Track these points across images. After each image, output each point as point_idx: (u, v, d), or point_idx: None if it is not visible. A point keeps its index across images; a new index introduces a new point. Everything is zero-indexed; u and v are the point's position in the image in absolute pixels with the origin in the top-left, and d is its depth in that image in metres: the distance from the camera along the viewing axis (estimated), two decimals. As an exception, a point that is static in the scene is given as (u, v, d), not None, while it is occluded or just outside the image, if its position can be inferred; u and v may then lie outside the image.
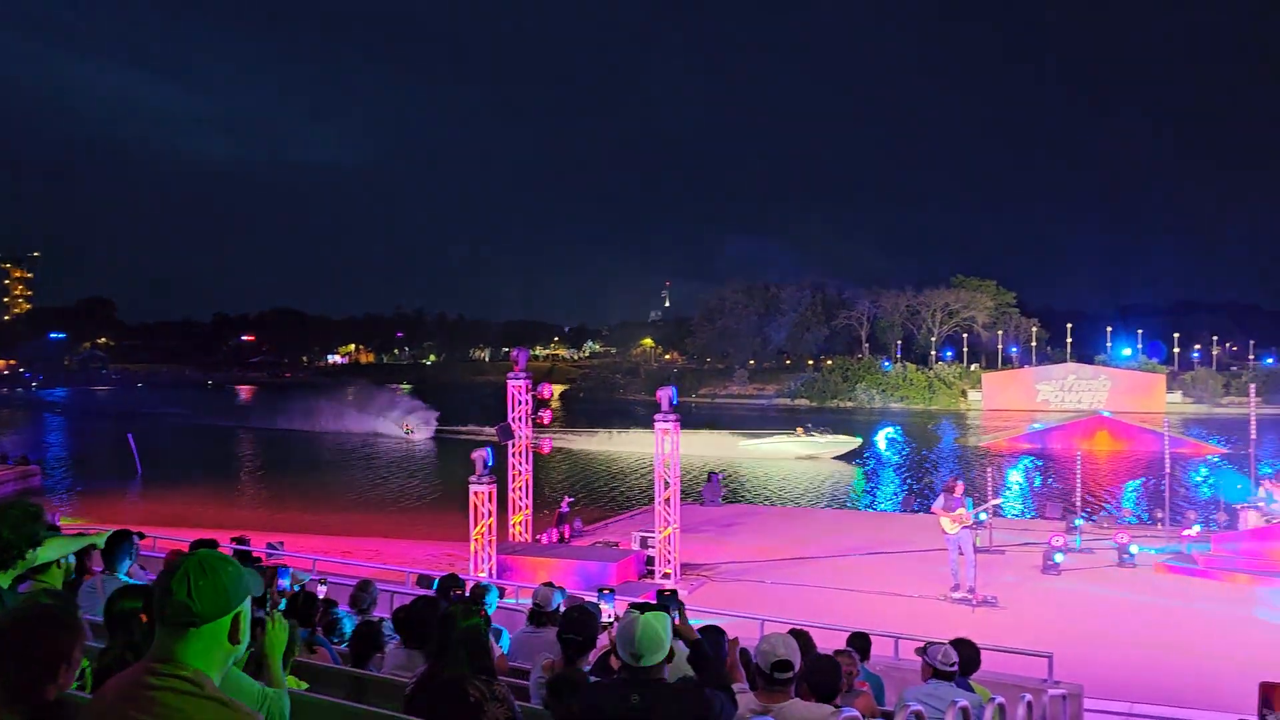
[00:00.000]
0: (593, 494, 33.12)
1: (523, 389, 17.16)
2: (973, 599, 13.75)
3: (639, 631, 3.17)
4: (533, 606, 6.53)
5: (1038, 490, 30.62)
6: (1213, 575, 15.31)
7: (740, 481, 34.08)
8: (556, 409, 57.95)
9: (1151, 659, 11.43)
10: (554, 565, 15.34)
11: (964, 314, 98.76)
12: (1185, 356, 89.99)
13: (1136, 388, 78.93)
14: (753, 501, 29.38)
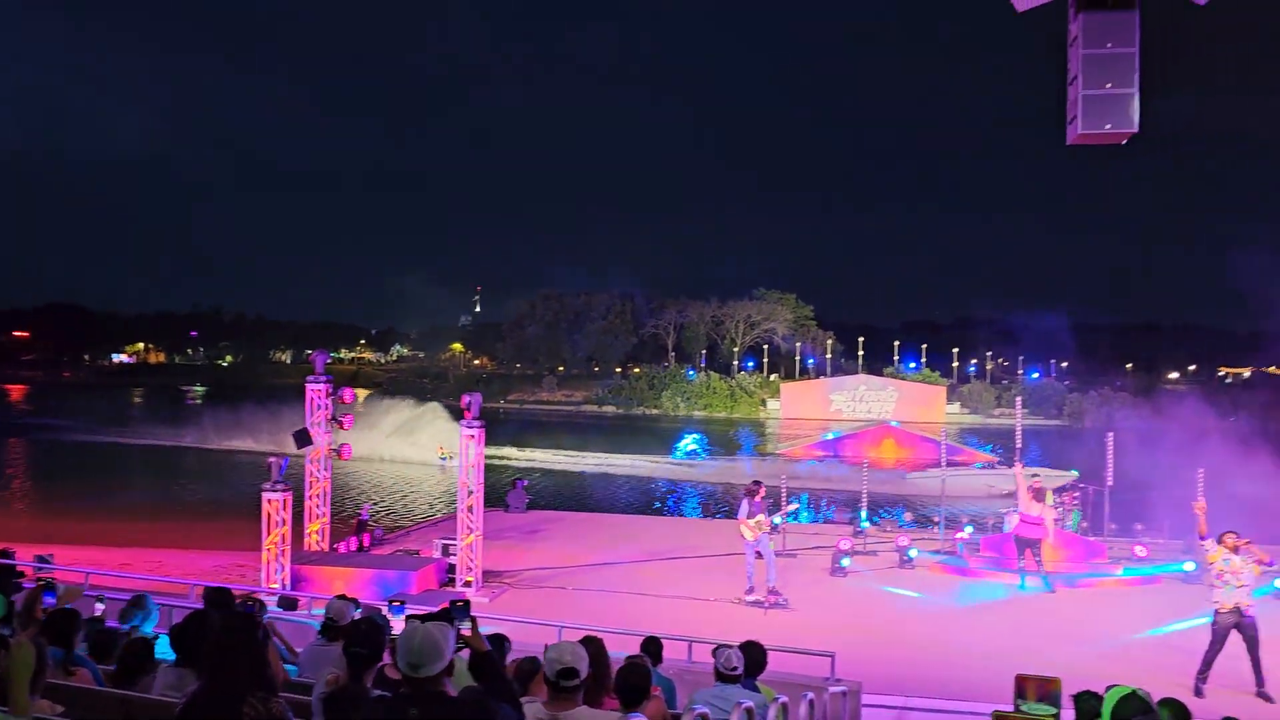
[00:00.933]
0: (398, 501, 32.40)
1: (322, 393, 16.59)
2: (767, 601, 14.27)
3: (417, 641, 3.14)
4: (325, 619, 6.35)
5: (828, 496, 32.11)
6: (981, 574, 16.49)
7: (543, 488, 34.07)
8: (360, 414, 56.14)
9: (924, 655, 12.20)
10: (352, 575, 14.91)
11: (765, 325, 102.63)
12: (964, 370, 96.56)
13: (920, 399, 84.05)
14: (558, 508, 29.46)
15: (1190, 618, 12.44)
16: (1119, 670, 11.04)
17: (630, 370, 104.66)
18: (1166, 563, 16.56)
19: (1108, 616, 14.12)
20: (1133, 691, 4.12)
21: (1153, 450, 25.32)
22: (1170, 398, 71.89)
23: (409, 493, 34.72)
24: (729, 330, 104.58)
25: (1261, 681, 10.31)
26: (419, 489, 35.48)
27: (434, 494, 34.10)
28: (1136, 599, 15.27)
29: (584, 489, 36.55)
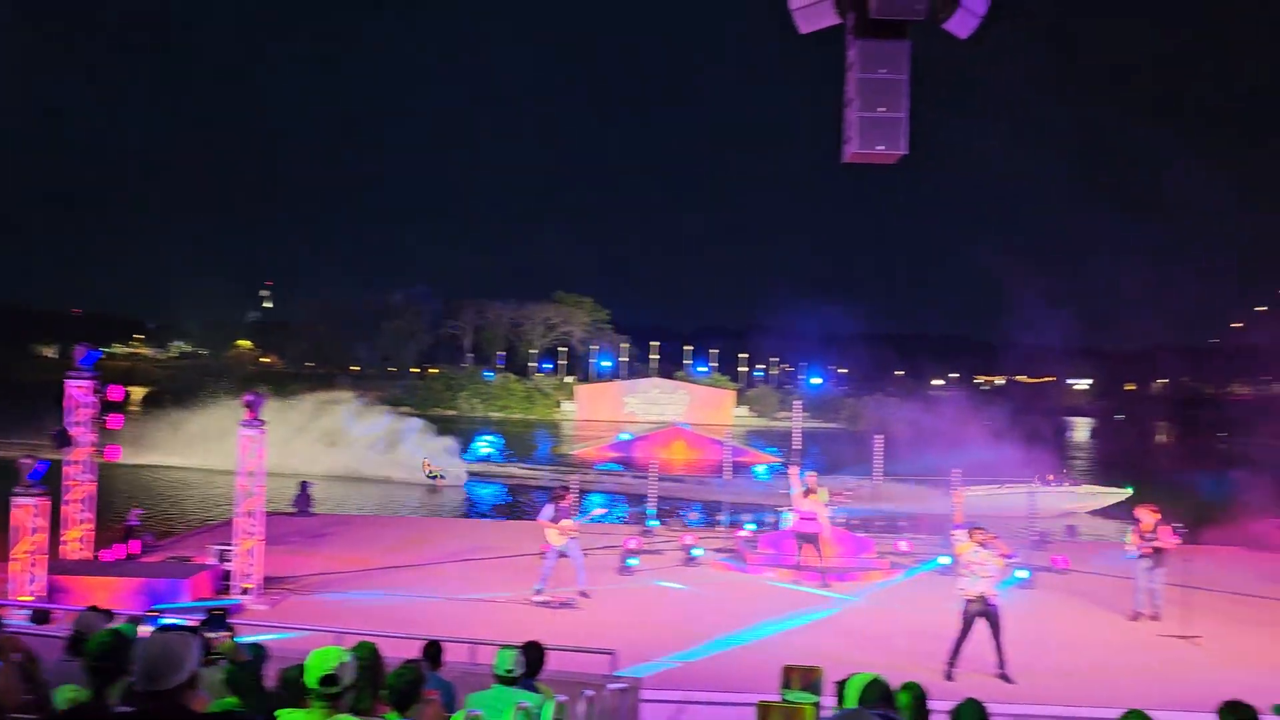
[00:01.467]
0: (174, 506, 30.55)
1: (86, 390, 15.41)
2: (555, 601, 14.36)
3: (154, 653, 3.01)
4: (73, 633, 5.93)
5: (620, 497, 32.61)
6: (759, 570, 17.20)
7: (332, 491, 32.95)
8: (137, 413, 52.25)
9: (703, 646, 12.62)
10: (117, 584, 13.92)
11: (563, 328, 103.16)
12: (751, 375, 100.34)
13: (710, 402, 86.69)
14: (347, 512, 28.58)
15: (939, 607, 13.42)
16: (879, 658, 11.81)
17: (426, 371, 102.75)
18: (925, 559, 17.80)
19: (873, 608, 15.04)
20: (875, 679, 4.43)
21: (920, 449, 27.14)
22: (935, 402, 77.45)
23: (188, 498, 32.82)
24: (527, 332, 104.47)
25: (1003, 664, 11.26)
26: (203, 493, 33.58)
27: (219, 498, 32.33)
28: (897, 591, 16.33)
29: (374, 491, 35.61)
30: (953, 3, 11.50)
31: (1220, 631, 13.79)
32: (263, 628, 11.62)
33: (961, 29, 11.67)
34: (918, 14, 11.22)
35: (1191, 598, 14.00)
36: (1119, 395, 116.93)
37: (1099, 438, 76.43)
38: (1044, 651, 12.57)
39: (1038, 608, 15.18)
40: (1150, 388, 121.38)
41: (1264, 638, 13.89)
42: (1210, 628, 13.74)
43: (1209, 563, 17.69)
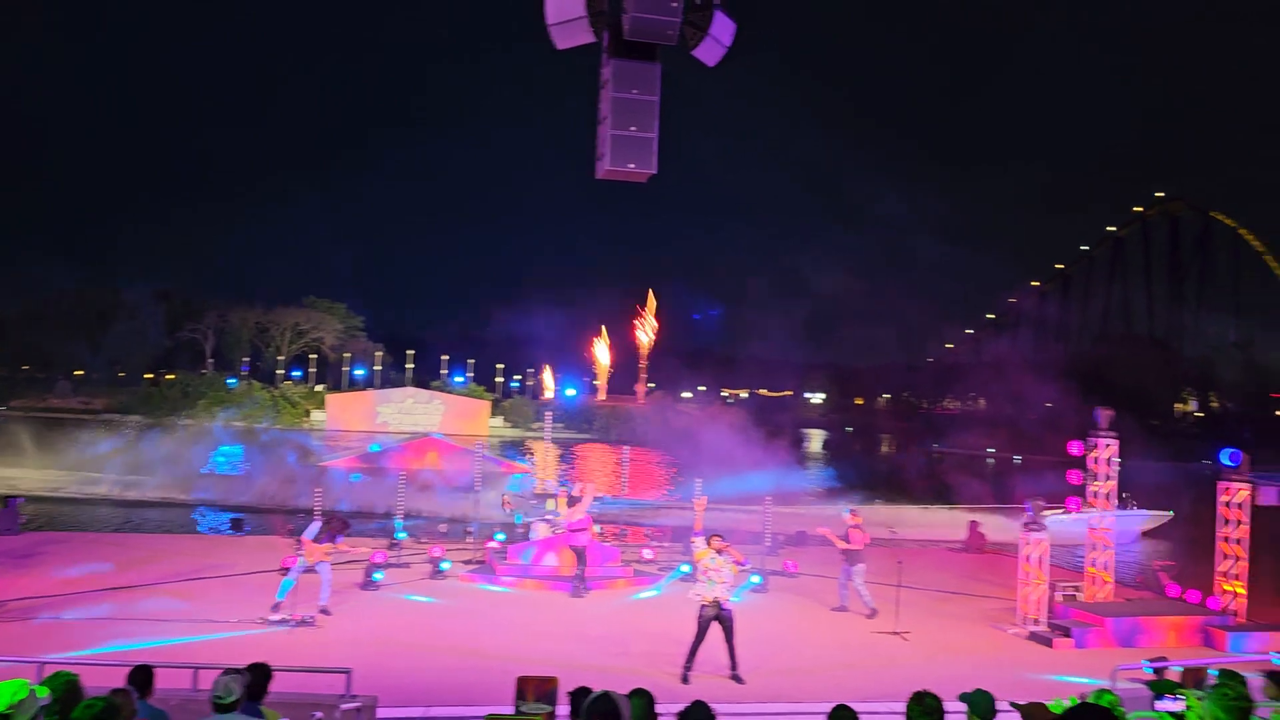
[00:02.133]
0: None
1: None
2: (294, 618, 13.74)
3: None
4: None
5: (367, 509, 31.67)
6: (507, 582, 17.18)
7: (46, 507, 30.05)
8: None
9: (447, 663, 12.46)
10: None
11: (314, 334, 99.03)
12: (508, 385, 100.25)
13: (466, 412, 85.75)
14: (64, 529, 26.11)
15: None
16: (619, 664, 12.10)
17: (162, 377, 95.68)
18: (669, 567, 18.38)
19: (616, 615, 15.37)
20: (604, 693, 4.54)
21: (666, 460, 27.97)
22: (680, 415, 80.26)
23: None
24: (275, 338, 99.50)
25: (735, 665, 11.80)
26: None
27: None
28: (641, 598, 16.77)
29: (98, 506, 32.72)
30: (701, 31, 12.05)
31: (926, 626, 15.08)
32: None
33: (709, 57, 12.25)
34: (669, 39, 11.68)
35: (903, 595, 15.24)
36: (849, 409, 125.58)
37: (830, 448, 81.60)
38: (772, 651, 13.28)
39: (769, 610, 16.03)
40: (876, 402, 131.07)
41: (963, 631, 15.31)
42: (917, 623, 15.01)
43: (919, 563, 19.34)
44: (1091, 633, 14.49)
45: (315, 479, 39.72)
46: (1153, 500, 30.62)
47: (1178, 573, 17.76)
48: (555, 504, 19.02)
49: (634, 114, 12.16)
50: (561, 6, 11.42)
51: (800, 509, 28.76)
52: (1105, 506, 16.22)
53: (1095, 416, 16.25)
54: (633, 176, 12.50)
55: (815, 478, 52.58)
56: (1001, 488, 35.20)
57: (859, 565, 15.90)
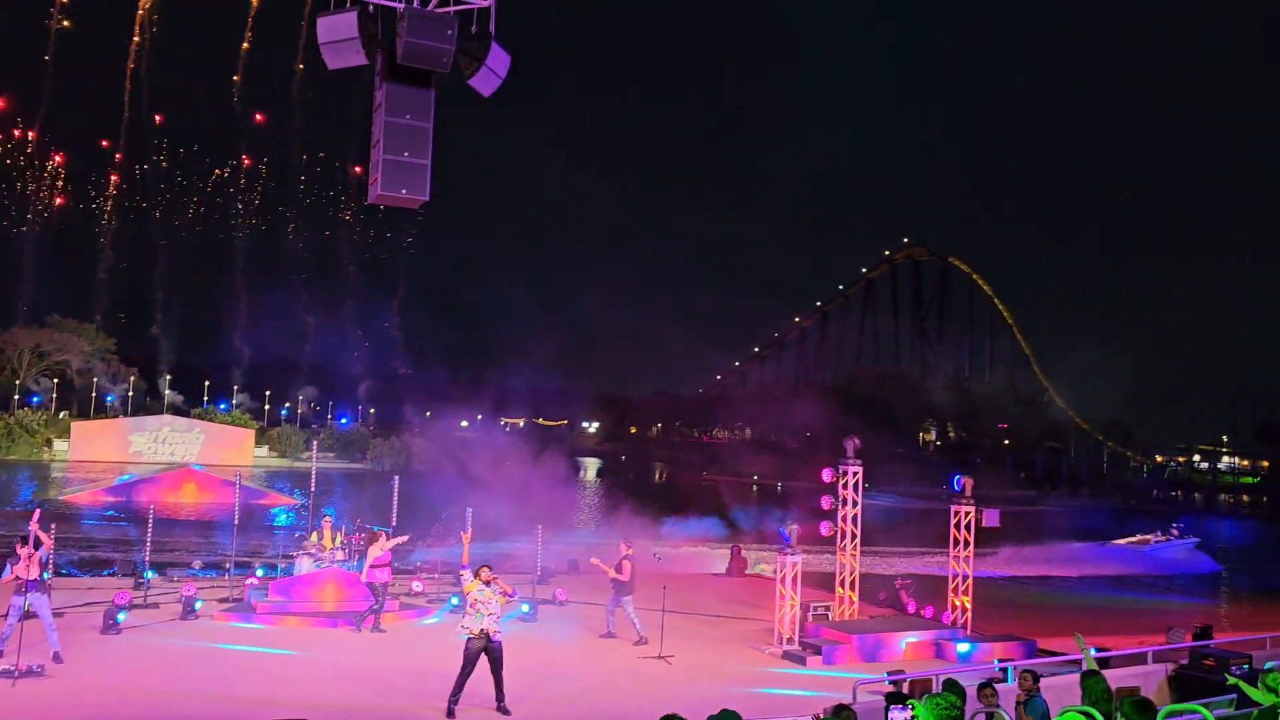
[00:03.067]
0: None
1: None
2: (18, 670, 12.52)
3: None
4: None
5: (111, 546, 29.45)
6: (268, 620, 16.39)
7: None
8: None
9: (196, 711, 11.78)
10: None
11: (58, 357, 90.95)
12: (276, 413, 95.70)
13: (229, 441, 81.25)
14: None
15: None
16: (383, 702, 11.83)
17: None
18: (439, 600, 18.12)
19: (381, 650, 14.99)
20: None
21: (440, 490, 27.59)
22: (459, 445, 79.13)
23: None
24: (11, 360, 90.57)
25: (501, 698, 11.75)
26: None
27: None
28: (410, 631, 16.43)
29: None
30: (477, 60, 12.12)
31: (688, 649, 15.57)
32: None
33: (485, 87, 12.33)
34: (442, 66, 11.68)
35: (669, 620, 15.69)
36: (624, 438, 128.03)
37: (604, 476, 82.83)
38: (539, 681, 13.32)
39: (538, 639, 16.08)
40: (650, 431, 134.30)
41: (723, 652, 15.94)
42: (681, 647, 15.47)
43: (684, 587, 19.97)
44: (840, 650, 15.42)
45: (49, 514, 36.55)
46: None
47: (914, 589, 19.20)
48: (318, 536, 18.36)
49: (407, 139, 12.07)
50: (335, 26, 11.22)
51: (572, 537, 29.08)
52: (854, 530, 17.32)
53: (844, 444, 17.37)
54: (405, 202, 12.39)
55: (589, 507, 53.23)
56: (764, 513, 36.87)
57: (628, 596, 16.23)
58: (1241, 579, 38.59)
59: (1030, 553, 37.37)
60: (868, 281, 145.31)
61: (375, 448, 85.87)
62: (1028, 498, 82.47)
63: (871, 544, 26.94)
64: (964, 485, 16.93)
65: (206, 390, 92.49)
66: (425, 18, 11.24)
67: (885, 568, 27.52)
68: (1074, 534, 45.38)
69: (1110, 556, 38.56)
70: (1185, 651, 12.85)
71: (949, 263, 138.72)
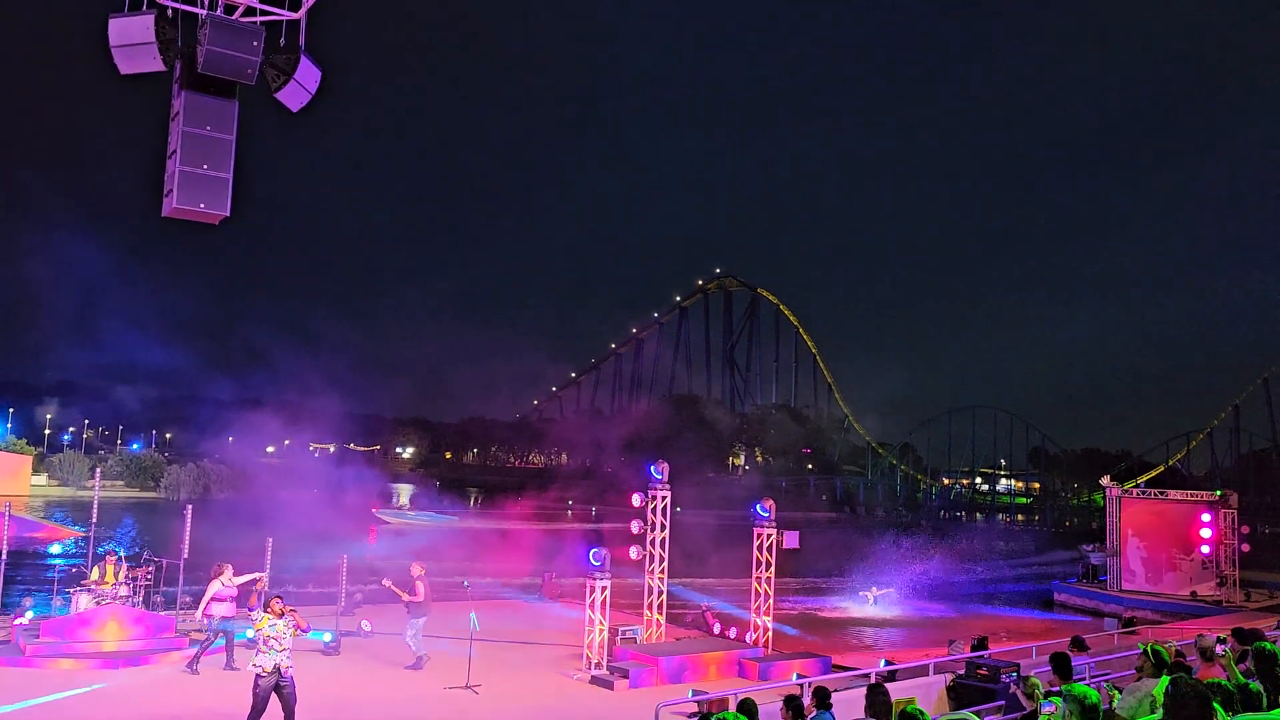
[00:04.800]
0: None
1: None
2: None
3: None
4: None
5: None
6: (37, 664, 15.10)
7: None
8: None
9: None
10: None
11: None
12: (58, 438, 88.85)
13: (2, 469, 74.70)
14: None
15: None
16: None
17: None
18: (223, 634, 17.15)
19: (168, 689, 14.10)
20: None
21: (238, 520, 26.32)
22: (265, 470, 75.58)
23: None
24: None
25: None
26: None
27: None
28: (201, 670, 15.51)
29: None
30: (285, 74, 11.75)
31: (497, 677, 15.38)
32: None
33: (293, 102, 11.95)
34: (247, 78, 11.25)
35: (477, 649, 15.45)
36: (440, 463, 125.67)
37: (416, 502, 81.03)
38: (338, 716, 12.85)
39: (340, 672, 15.53)
40: (464, 457, 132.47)
41: (532, 679, 15.83)
42: (488, 675, 15.27)
43: (494, 613, 19.72)
44: (645, 672, 15.60)
45: None
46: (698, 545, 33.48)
47: (718, 611, 19.70)
48: (98, 571, 17.12)
49: (207, 151, 11.55)
50: (128, 29, 10.62)
51: (382, 564, 28.22)
52: (662, 554, 17.60)
53: (653, 470, 17.65)
54: (203, 217, 11.82)
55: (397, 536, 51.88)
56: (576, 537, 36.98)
57: (422, 618, 16.04)
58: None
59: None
60: (681, 309, 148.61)
61: (170, 475, 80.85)
62: (828, 520, 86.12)
63: (697, 566, 27.42)
64: (770, 510, 17.52)
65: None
66: (229, 27, 10.82)
67: (702, 590, 27.99)
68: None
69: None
70: (964, 662, 13.72)
71: (758, 293, 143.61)
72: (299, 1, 11.77)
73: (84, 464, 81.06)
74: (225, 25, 10.89)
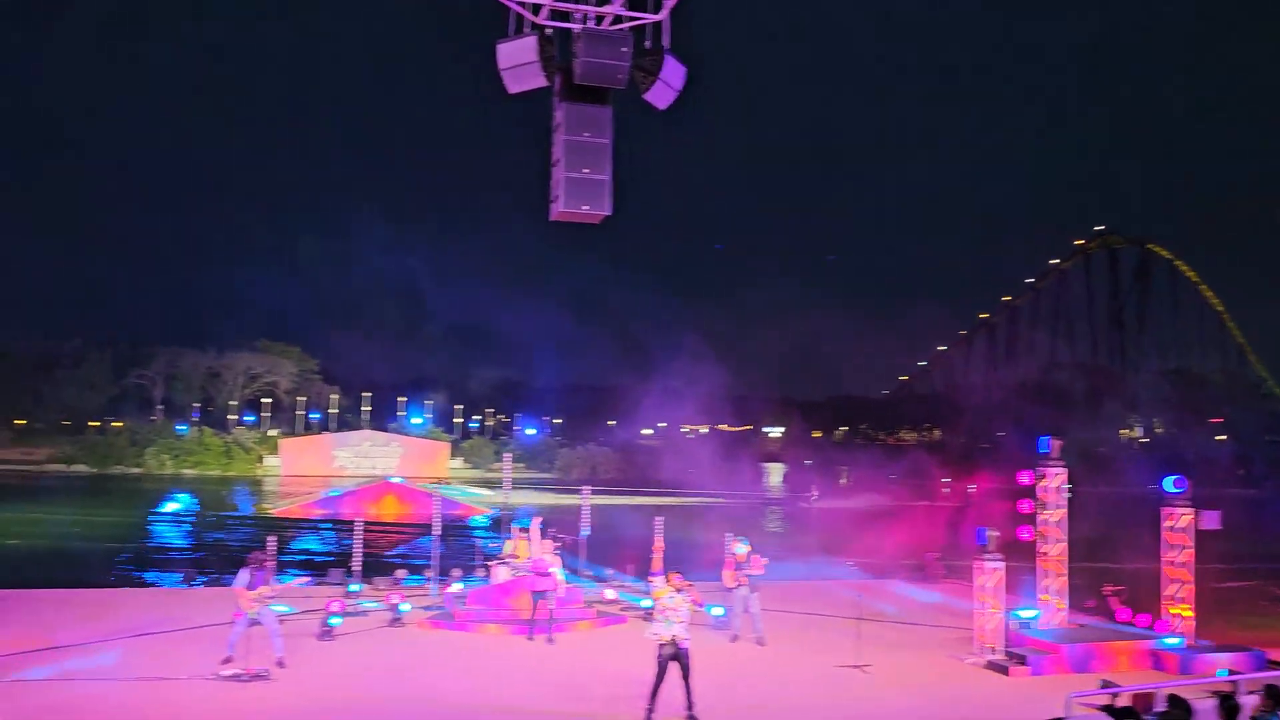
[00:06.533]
0: None
1: None
2: (248, 673, 13.49)
3: None
4: None
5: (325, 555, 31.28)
6: (467, 627, 17.04)
7: None
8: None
9: (407, 713, 12.34)
10: None
11: (267, 378, 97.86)
12: (466, 426, 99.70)
13: (424, 454, 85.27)
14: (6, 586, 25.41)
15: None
16: (580, 708, 12.05)
17: (109, 425, 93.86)
18: (631, 607, 18.36)
19: (579, 658, 15.30)
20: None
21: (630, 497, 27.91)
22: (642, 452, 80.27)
23: None
24: (226, 383, 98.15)
25: (691, 705, 11.78)
26: None
27: None
28: (605, 639, 16.71)
29: (43, 561, 31.90)
30: (652, 75, 12.26)
31: (886, 659, 15.16)
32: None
33: (660, 100, 12.46)
34: (618, 83, 11.88)
35: (862, 628, 15.33)
36: (808, 442, 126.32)
37: (789, 482, 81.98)
38: (733, 689, 13.29)
39: (729, 647, 16.04)
40: (834, 435, 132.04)
41: (922, 661, 15.43)
42: (877, 655, 15.09)
43: (877, 594, 19.46)
44: (1046, 660, 14.67)
45: (267, 526, 39.25)
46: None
47: (1127, 597, 18.06)
48: (513, 546, 18.92)
49: (587, 156, 12.31)
50: (514, 52, 11.60)
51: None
52: (1057, 534, 16.45)
53: (1045, 445, 16.53)
54: (586, 218, 12.62)
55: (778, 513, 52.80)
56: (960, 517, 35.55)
57: (757, 594, 16.43)
58: None
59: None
60: (1060, 273, 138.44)
61: (562, 457, 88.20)
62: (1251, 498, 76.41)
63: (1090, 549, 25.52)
64: (1185, 486, 15.79)
65: (400, 406, 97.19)
66: (600, 36, 11.49)
67: (1093, 573, 26.00)
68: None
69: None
70: None
71: (1148, 249, 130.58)
72: (660, 3, 12.24)
73: (490, 449, 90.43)
74: (597, 36, 11.56)
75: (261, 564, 14.40)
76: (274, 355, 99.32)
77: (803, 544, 20.24)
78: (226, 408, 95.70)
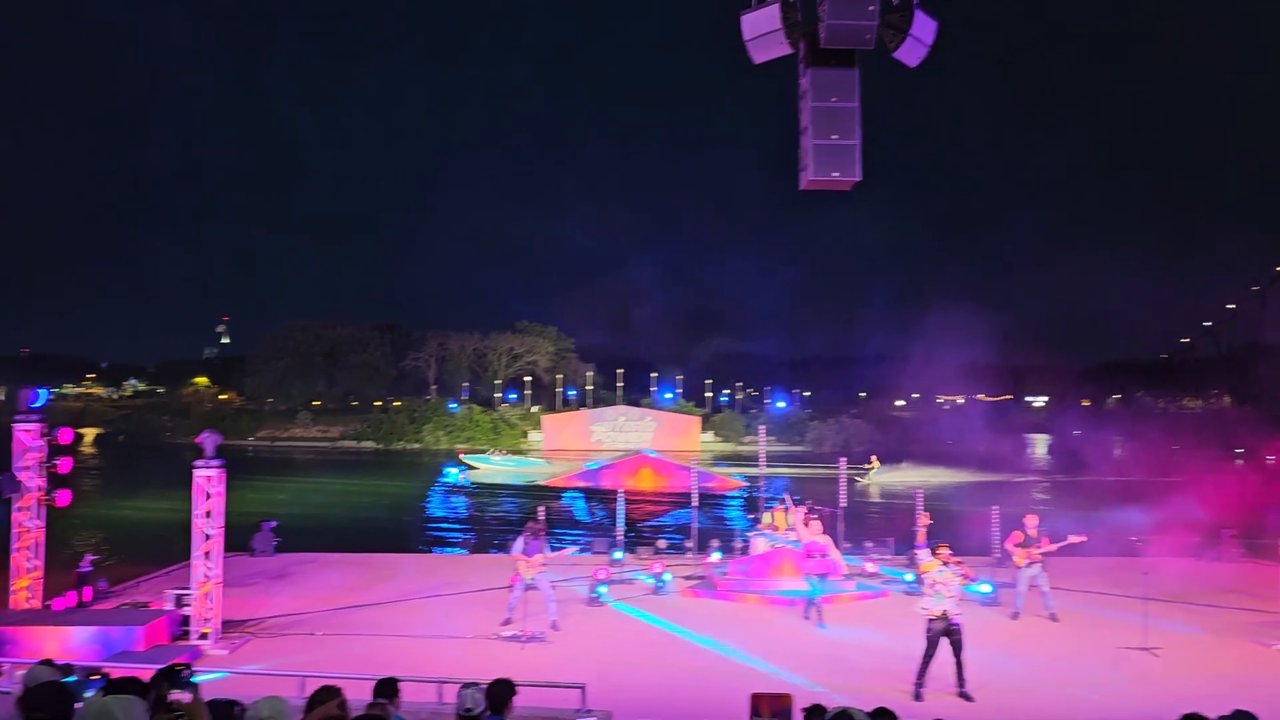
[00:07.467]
0: (133, 551, 29.93)
1: (34, 433, 15.14)
2: (525, 634, 14.27)
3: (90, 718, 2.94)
4: (23, 690, 5.82)
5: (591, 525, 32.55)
6: (728, 597, 17.22)
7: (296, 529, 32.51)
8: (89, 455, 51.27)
9: (675, 679, 12.61)
10: (68, 634, 13.64)
11: (528, 358, 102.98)
12: (717, 400, 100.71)
13: (677, 428, 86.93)
14: (312, 550, 28.14)
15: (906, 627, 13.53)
16: (849, 681, 11.89)
17: (390, 404, 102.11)
18: (891, 581, 17.95)
19: (842, 631, 15.11)
20: (844, 710, 4.47)
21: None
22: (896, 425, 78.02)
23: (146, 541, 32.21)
24: (491, 363, 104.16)
25: (963, 682, 11.36)
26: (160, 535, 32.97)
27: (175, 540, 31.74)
28: (866, 612, 16.40)
29: (340, 528, 35.11)
30: (901, 32, 11.78)
31: (1177, 642, 14.00)
32: (219, 673, 11.49)
33: (910, 57, 11.95)
34: (866, 44, 11.50)
35: (1150, 609, 14.22)
36: (1076, 411, 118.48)
37: (1055, 453, 77.31)
38: (1006, 668, 12.70)
39: (999, 624, 15.35)
40: (1105, 404, 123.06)
41: (1217, 647, 14.12)
42: (1167, 639, 13.96)
43: (1166, 574, 17.96)
44: (1376, 650, 13.08)
45: (535, 496, 41.31)
46: None
47: None
48: (771, 517, 18.93)
49: (835, 122, 12.03)
50: (757, 21, 11.46)
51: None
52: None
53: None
54: (837, 185, 12.34)
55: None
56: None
57: (1045, 573, 15.72)
58: None
59: None
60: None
61: (814, 429, 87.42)
62: None
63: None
64: None
65: (653, 381, 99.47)
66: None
67: None
68: None
69: None
70: None
71: None
72: (907, -45, 11.71)
73: (740, 422, 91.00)
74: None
75: (537, 532, 15.16)
76: (533, 336, 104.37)
77: (1081, 519, 18.96)
78: (492, 386, 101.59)
